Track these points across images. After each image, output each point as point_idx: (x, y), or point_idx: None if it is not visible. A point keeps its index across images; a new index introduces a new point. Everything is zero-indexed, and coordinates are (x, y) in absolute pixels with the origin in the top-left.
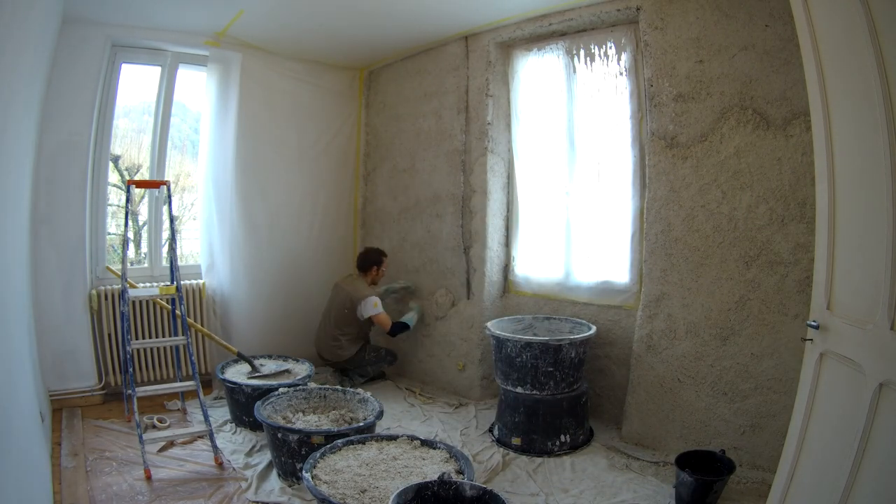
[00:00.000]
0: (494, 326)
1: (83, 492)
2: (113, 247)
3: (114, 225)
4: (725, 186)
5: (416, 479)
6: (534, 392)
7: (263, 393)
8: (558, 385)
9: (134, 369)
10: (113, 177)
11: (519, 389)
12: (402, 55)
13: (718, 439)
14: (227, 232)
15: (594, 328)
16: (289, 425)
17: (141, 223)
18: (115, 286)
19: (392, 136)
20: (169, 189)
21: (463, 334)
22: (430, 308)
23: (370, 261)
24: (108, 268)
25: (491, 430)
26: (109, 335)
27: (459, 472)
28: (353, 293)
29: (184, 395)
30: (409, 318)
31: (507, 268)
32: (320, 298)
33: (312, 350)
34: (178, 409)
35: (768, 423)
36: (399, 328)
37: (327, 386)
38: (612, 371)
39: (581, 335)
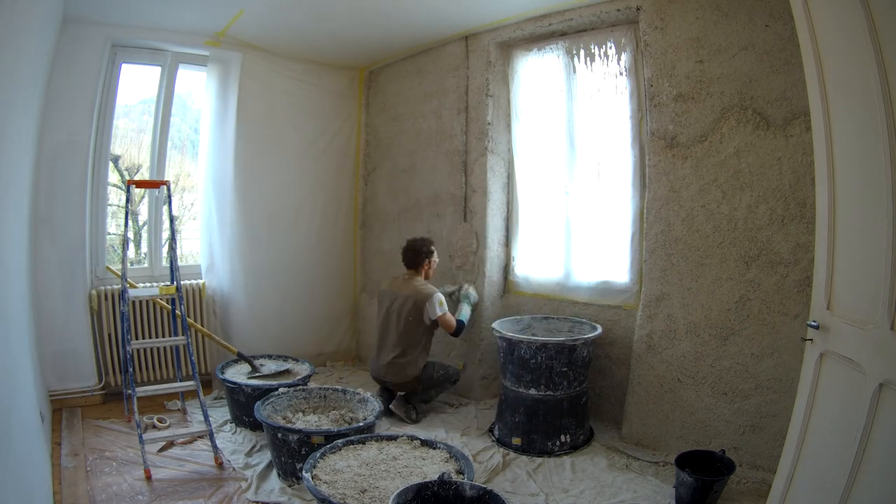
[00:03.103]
0: (500, 328)
1: (83, 492)
2: (113, 247)
3: (114, 225)
4: (725, 186)
5: (416, 479)
6: (548, 393)
7: (263, 393)
8: (571, 385)
9: (134, 369)
10: (113, 177)
11: (532, 391)
12: (402, 55)
13: (718, 439)
14: (227, 232)
15: (599, 327)
16: (289, 425)
17: (141, 223)
18: (115, 286)
19: (392, 136)
20: (169, 189)
21: (463, 334)
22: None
23: (421, 253)
24: (108, 268)
25: (491, 430)
26: (109, 335)
27: (459, 472)
28: (415, 295)
29: (184, 395)
30: (464, 314)
31: (506, 268)
32: (320, 298)
33: (313, 350)
34: (178, 409)
35: (768, 423)
36: (461, 327)
37: (327, 386)
38: (612, 371)
39: (593, 334)
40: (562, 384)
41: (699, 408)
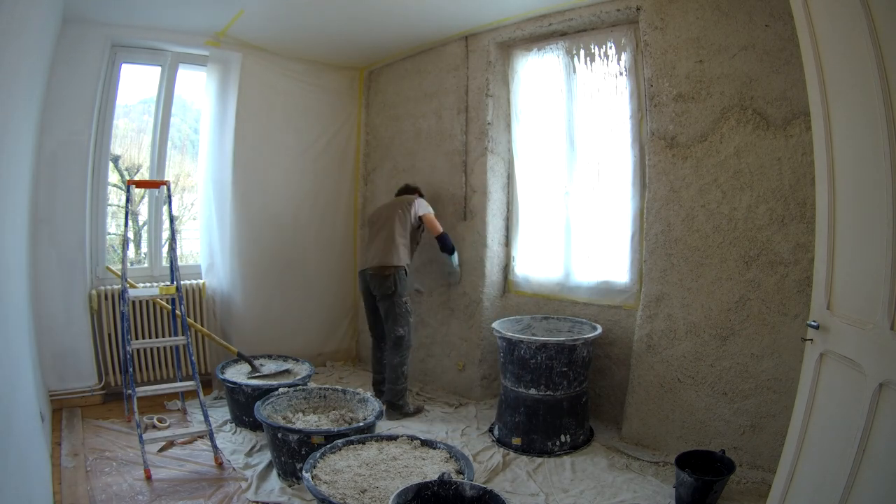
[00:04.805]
0: (500, 328)
1: (83, 492)
2: (113, 247)
3: (114, 225)
4: (725, 186)
5: (416, 479)
6: (547, 393)
7: (263, 393)
8: (571, 385)
9: (134, 369)
10: (113, 177)
11: (532, 391)
12: (402, 55)
13: (718, 439)
14: (227, 232)
15: (599, 327)
16: (289, 425)
17: (141, 223)
18: (115, 286)
19: (392, 136)
20: (169, 189)
21: (463, 334)
22: (431, 309)
23: (410, 188)
24: (108, 268)
25: (491, 430)
26: (109, 335)
27: (459, 472)
28: (403, 200)
29: (184, 395)
30: (453, 259)
31: (506, 268)
32: (320, 298)
33: (312, 350)
34: (178, 409)
35: (768, 423)
36: (448, 239)
37: (327, 386)
38: (612, 371)
39: (593, 334)
40: (562, 384)
41: (699, 408)
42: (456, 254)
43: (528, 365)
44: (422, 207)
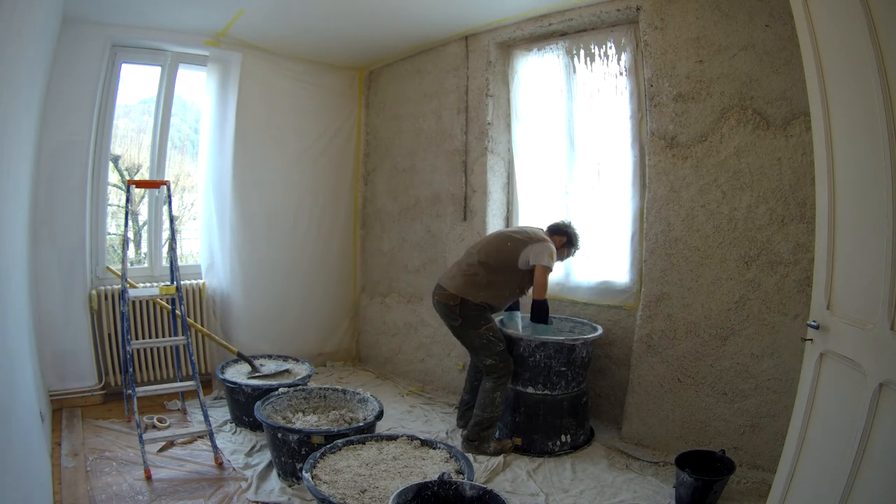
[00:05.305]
0: (498, 325)
1: (83, 492)
2: (113, 247)
3: (114, 225)
4: (725, 186)
5: (416, 479)
6: (545, 392)
7: (263, 393)
8: (569, 385)
9: (134, 369)
10: (113, 177)
11: (530, 389)
12: (402, 55)
13: (718, 439)
14: (226, 232)
15: (600, 328)
16: (289, 425)
17: (141, 223)
18: (115, 286)
19: (392, 136)
20: (169, 189)
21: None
22: (431, 309)
23: (560, 228)
24: (108, 268)
25: None
26: (109, 335)
27: (459, 472)
28: (526, 232)
29: (184, 395)
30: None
31: None
32: (320, 298)
33: (312, 350)
34: (178, 409)
35: (768, 423)
36: (544, 305)
37: (327, 386)
38: (612, 371)
39: (593, 335)
40: (559, 384)
41: (699, 408)
42: (548, 328)
43: (526, 363)
44: (540, 255)
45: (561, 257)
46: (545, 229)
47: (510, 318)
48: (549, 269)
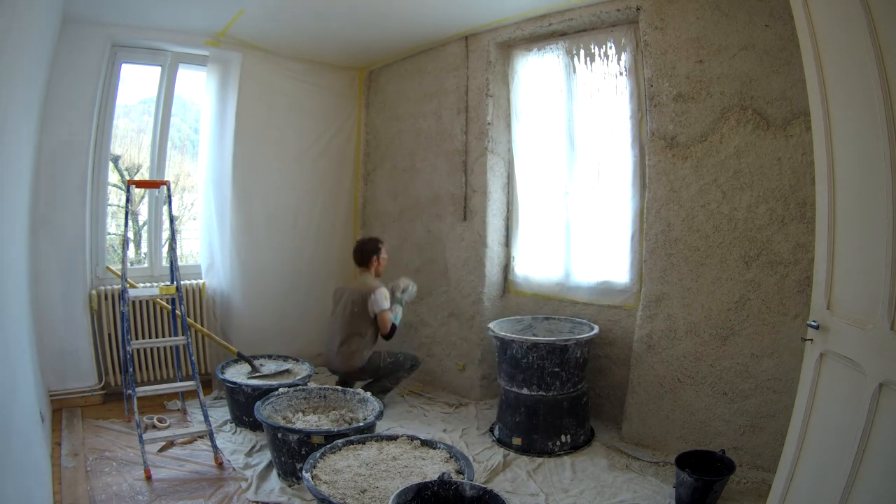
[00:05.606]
0: (496, 327)
1: (83, 492)
2: (113, 247)
3: (114, 225)
4: (725, 186)
5: (416, 479)
6: (539, 393)
7: (263, 393)
8: (564, 385)
9: (134, 369)
10: (113, 177)
11: (525, 391)
12: (402, 55)
13: (718, 439)
14: (226, 232)
15: (597, 328)
16: (289, 425)
17: (141, 223)
18: (115, 286)
19: (392, 136)
20: (169, 189)
21: (463, 334)
22: (431, 309)
23: (367, 250)
24: (108, 268)
25: (491, 430)
26: (109, 335)
27: (459, 472)
28: (361, 288)
29: (184, 395)
30: (397, 316)
31: (506, 268)
32: (320, 298)
33: (312, 350)
34: (178, 409)
35: (768, 423)
36: (393, 329)
37: (327, 386)
38: (612, 371)
39: (586, 335)
40: (554, 384)
41: (699, 408)
42: (397, 313)
43: (519, 364)
44: (379, 302)
45: (382, 271)
46: (360, 265)
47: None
48: (388, 309)
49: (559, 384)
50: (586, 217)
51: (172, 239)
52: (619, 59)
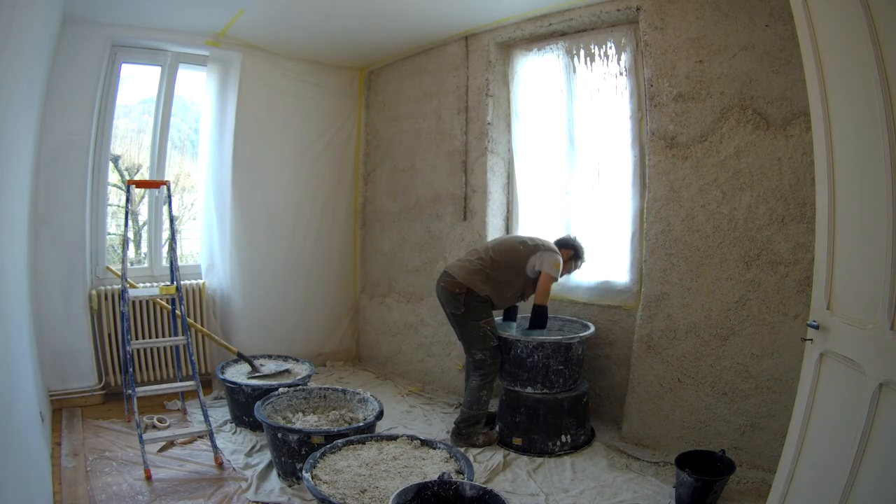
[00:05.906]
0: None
1: (83, 492)
2: (113, 247)
3: (114, 225)
4: (725, 186)
5: (416, 479)
6: (543, 391)
7: (263, 393)
8: (566, 383)
9: (134, 369)
10: (113, 177)
11: (529, 390)
12: (402, 55)
13: (718, 439)
14: (226, 232)
15: (591, 325)
16: (289, 425)
17: (141, 223)
18: (115, 286)
19: (392, 136)
20: (169, 189)
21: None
22: (431, 309)
23: (568, 242)
24: (108, 268)
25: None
26: (109, 335)
27: (459, 472)
28: (537, 240)
29: (184, 395)
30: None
31: None
32: (320, 298)
33: (312, 350)
34: (178, 409)
35: (768, 423)
36: (544, 312)
37: (327, 386)
38: (612, 371)
39: (585, 332)
40: (558, 382)
41: (699, 408)
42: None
43: (524, 364)
44: (547, 263)
45: (567, 270)
46: (553, 242)
47: (506, 329)
48: (553, 278)
49: (562, 381)
50: (586, 217)
51: (172, 239)
52: (619, 59)
